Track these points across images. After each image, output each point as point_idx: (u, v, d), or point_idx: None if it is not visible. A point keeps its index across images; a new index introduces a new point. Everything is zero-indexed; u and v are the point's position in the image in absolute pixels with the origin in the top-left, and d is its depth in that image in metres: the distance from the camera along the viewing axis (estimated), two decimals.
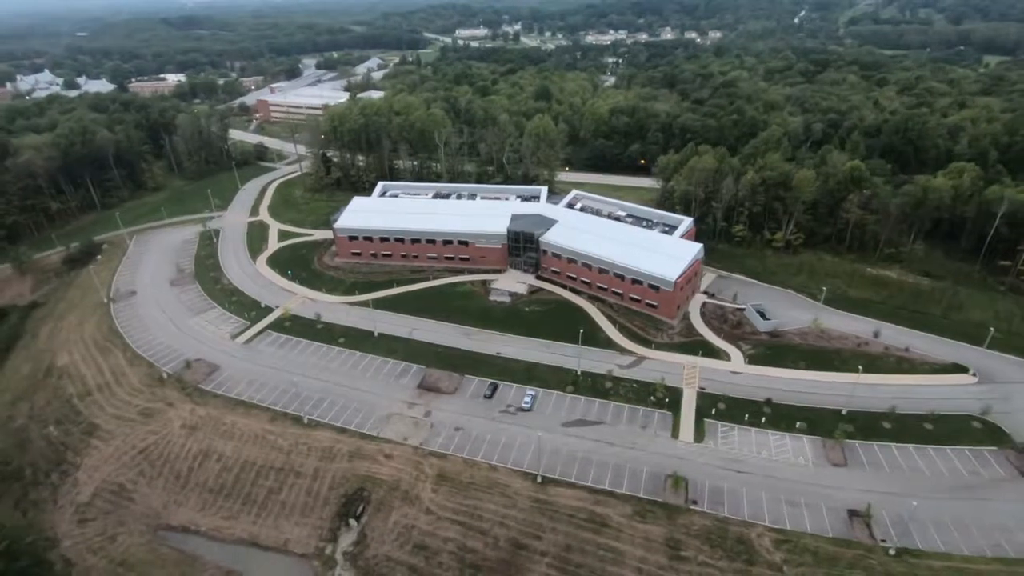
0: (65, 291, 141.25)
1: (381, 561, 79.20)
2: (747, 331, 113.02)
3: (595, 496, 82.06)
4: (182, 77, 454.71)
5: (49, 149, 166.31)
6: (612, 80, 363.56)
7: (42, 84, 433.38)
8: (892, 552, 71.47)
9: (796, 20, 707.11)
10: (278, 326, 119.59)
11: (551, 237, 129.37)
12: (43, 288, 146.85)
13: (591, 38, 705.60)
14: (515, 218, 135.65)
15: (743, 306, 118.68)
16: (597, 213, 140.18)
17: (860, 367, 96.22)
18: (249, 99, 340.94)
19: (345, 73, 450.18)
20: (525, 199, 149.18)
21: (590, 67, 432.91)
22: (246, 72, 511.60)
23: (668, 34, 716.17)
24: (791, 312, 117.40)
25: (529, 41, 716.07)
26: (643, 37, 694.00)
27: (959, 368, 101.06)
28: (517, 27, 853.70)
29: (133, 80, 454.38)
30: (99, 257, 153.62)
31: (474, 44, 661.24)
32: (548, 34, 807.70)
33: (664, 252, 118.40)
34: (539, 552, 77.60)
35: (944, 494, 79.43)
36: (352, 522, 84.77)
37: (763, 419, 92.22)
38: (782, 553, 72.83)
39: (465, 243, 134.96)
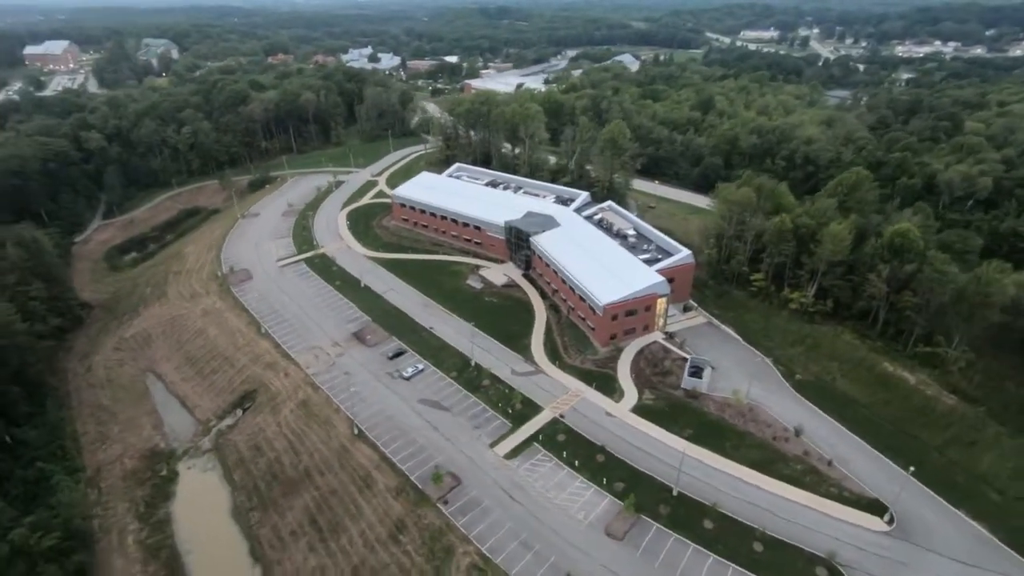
0: (231, 206, 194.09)
1: (228, 444, 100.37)
2: (669, 382, 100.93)
3: (382, 463, 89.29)
4: (449, 59, 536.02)
5: (267, 103, 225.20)
6: (837, 98, 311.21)
7: (357, 57, 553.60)
8: None
9: None
10: (310, 261, 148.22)
11: (541, 239, 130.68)
12: (228, 202, 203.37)
13: (901, 49, 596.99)
14: (528, 215, 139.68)
15: (688, 356, 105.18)
16: (609, 227, 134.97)
17: (684, 448, 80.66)
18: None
19: (584, 67, 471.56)
20: (562, 200, 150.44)
21: (862, 83, 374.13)
22: (509, 59, 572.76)
23: (1020, 50, 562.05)
24: (744, 382, 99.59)
25: (820, 48, 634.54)
26: (976, 52, 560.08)
27: (877, 508, 76.22)
28: (813, 31, 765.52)
29: (425, 60, 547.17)
30: (267, 186, 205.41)
31: (751, 47, 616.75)
32: (849, 41, 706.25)
33: (621, 278, 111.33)
34: (315, 486, 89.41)
35: None
36: (238, 412, 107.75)
37: (580, 462, 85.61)
38: None
39: (479, 228, 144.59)
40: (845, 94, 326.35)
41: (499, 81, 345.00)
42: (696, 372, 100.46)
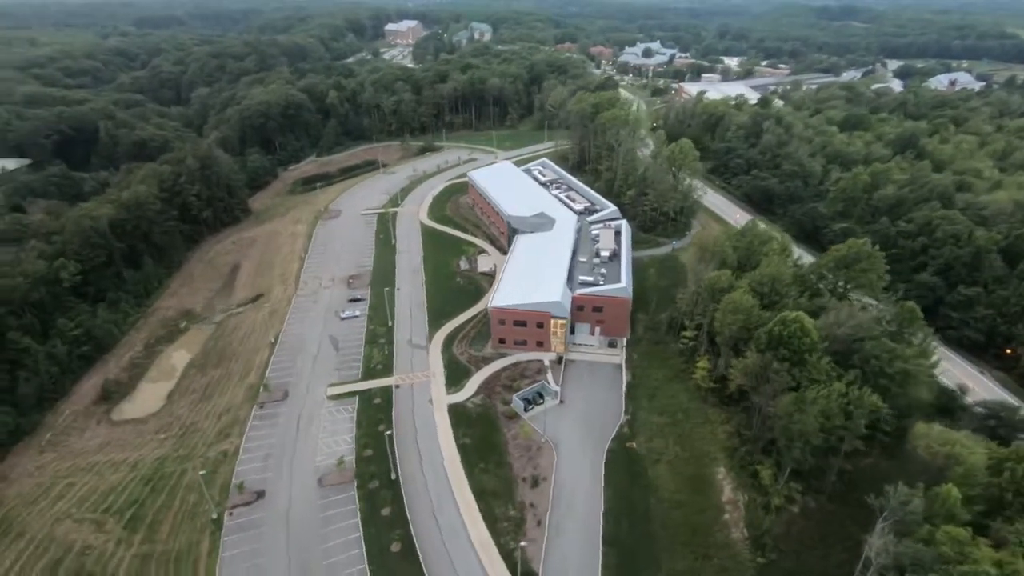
0: (397, 162, 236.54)
1: (225, 322, 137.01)
2: (506, 397, 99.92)
3: (262, 366, 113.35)
4: (728, 60, 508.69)
5: (457, 83, 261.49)
6: None
7: (638, 51, 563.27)
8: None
9: None
10: (381, 216, 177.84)
11: (521, 238, 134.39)
12: (399, 160, 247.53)
13: None
14: (537, 215, 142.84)
15: (540, 381, 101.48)
16: (596, 240, 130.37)
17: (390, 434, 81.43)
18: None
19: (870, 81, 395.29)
20: (591, 210, 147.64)
21: None
22: (802, 63, 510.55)
23: None
24: (569, 427, 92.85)
25: None
26: None
27: None
28: None
29: (688, 58, 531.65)
30: (427, 152, 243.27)
31: None
32: None
33: (532, 289, 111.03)
34: (226, 367, 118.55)
35: None
36: (249, 304, 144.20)
37: (365, 423, 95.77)
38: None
39: (502, 219, 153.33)
40: None
41: (707, 86, 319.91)
42: (534, 399, 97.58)
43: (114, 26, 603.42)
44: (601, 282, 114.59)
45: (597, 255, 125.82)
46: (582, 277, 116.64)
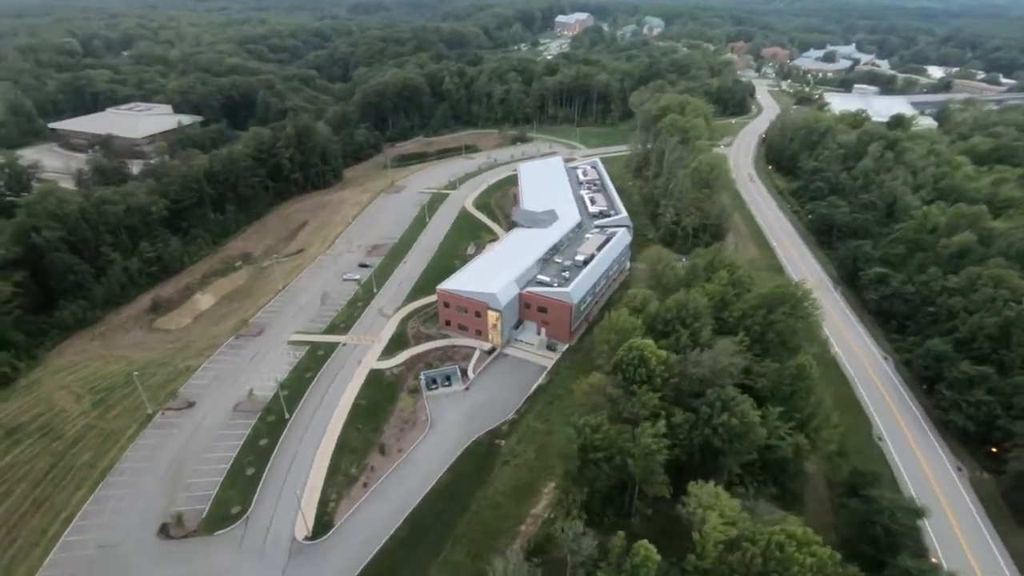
0: (489, 148, 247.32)
1: (267, 267, 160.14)
2: (416, 374, 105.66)
3: (261, 307, 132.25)
4: (932, 70, 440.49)
5: (563, 78, 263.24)
6: None
7: (818, 54, 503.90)
8: None
9: None
10: (435, 195, 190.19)
11: (516, 231, 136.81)
12: (493, 147, 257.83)
13: None
14: (545, 212, 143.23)
15: (454, 365, 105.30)
16: (580, 244, 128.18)
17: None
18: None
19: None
20: (605, 213, 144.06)
21: None
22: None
23: None
24: (450, 420, 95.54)
25: None
26: None
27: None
28: None
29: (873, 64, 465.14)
30: (518, 142, 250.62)
31: None
32: None
33: (485, 278, 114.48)
34: (241, 303, 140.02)
35: None
36: (284, 258, 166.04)
37: (301, 367, 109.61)
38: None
39: None
40: None
41: (863, 99, 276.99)
42: (440, 380, 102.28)
43: (330, 12, 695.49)
44: (555, 284, 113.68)
45: (574, 256, 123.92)
46: (540, 276, 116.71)
